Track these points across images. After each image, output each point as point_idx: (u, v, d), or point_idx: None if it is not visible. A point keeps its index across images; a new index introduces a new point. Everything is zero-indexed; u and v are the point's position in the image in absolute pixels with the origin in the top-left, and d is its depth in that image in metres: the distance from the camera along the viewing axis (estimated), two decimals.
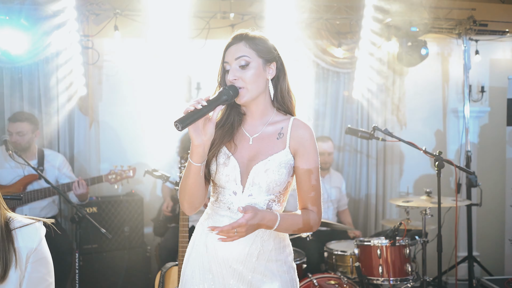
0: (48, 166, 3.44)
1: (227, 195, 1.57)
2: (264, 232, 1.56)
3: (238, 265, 1.55)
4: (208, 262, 1.58)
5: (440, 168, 2.61)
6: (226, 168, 1.54)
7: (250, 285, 1.55)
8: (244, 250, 1.54)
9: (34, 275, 1.52)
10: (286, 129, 1.56)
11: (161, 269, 2.59)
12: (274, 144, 1.55)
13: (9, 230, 1.51)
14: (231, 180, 1.55)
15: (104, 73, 3.92)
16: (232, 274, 1.56)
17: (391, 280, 2.83)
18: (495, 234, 4.59)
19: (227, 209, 1.57)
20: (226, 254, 1.55)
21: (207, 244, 1.59)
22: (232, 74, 1.51)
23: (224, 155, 1.56)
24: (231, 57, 1.53)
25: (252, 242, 1.55)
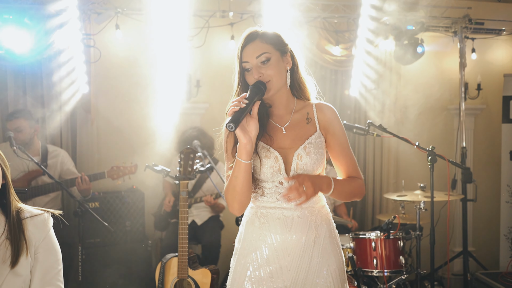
0: (52, 162, 3.51)
1: (274, 187, 1.62)
2: (316, 217, 1.63)
3: (297, 252, 1.60)
4: (265, 255, 1.62)
5: (433, 163, 2.68)
6: (269, 160, 1.60)
7: (308, 270, 1.60)
8: (301, 238, 1.60)
9: (44, 263, 1.60)
10: (312, 114, 1.66)
11: (161, 260, 2.66)
12: (307, 129, 1.64)
13: (20, 220, 1.60)
14: (275, 171, 1.60)
15: (106, 71, 3.99)
16: (291, 263, 1.59)
17: (385, 271, 2.90)
18: (490, 230, 4.66)
19: (275, 201, 1.62)
20: (284, 245, 1.60)
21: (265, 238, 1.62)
22: (257, 72, 1.57)
23: (263, 148, 1.61)
24: (251, 56, 1.58)
25: (308, 229, 1.61)
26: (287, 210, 1.61)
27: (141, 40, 3.92)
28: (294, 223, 1.60)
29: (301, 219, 1.60)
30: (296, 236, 1.59)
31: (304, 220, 1.60)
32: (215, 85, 4.21)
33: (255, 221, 1.65)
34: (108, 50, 3.96)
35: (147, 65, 3.90)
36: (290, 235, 1.59)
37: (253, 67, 1.59)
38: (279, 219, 1.61)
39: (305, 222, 1.60)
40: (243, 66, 1.61)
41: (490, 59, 4.79)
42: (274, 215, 1.61)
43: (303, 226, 1.60)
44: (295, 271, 1.59)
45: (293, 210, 1.61)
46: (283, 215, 1.61)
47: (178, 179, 2.60)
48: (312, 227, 1.61)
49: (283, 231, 1.60)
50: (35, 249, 1.60)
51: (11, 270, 1.54)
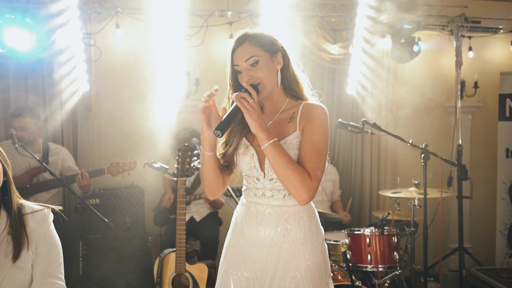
0: (53, 159, 3.57)
1: (252, 183, 1.70)
2: (288, 216, 1.65)
3: (265, 247, 1.65)
4: (240, 246, 1.70)
5: (425, 160, 2.72)
6: (246, 157, 1.67)
7: (277, 266, 1.64)
8: (270, 233, 1.65)
9: (45, 257, 1.65)
10: (297, 113, 1.66)
11: (159, 255, 2.72)
12: (286, 128, 1.66)
13: (21, 216, 1.66)
14: (252, 168, 1.66)
15: (106, 70, 4.04)
16: (261, 256, 1.65)
17: (379, 267, 2.95)
18: (487, 226, 4.70)
19: (253, 196, 1.69)
20: (256, 237, 1.66)
21: (241, 229, 1.71)
22: (246, 75, 1.61)
23: (243, 145, 1.69)
24: (241, 60, 1.62)
25: (277, 226, 1.64)
26: (260, 206, 1.67)
27: (140, 39, 3.97)
28: (265, 219, 1.66)
29: (271, 216, 1.65)
30: (265, 232, 1.65)
31: (274, 217, 1.65)
32: (214, 83, 4.19)
33: (235, 215, 1.77)
34: (108, 49, 4.01)
35: (147, 63, 3.95)
36: (260, 230, 1.66)
37: (243, 70, 1.63)
38: (252, 213, 1.69)
39: (275, 219, 1.65)
40: (235, 69, 1.66)
41: (487, 57, 4.82)
42: (250, 209, 1.69)
43: (272, 222, 1.65)
44: (264, 265, 1.65)
45: (265, 207, 1.67)
46: (256, 210, 1.68)
47: (176, 176, 2.65)
48: (283, 225, 1.65)
49: (254, 225, 1.67)
50: (36, 243, 1.64)
51: (13, 264, 1.59)
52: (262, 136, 1.54)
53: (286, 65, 1.70)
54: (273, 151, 1.53)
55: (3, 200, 1.68)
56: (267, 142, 1.54)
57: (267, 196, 1.66)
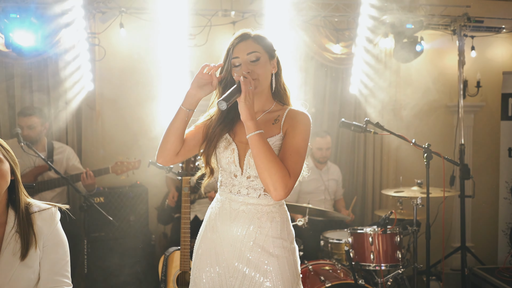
0: (57, 158, 3.59)
1: (229, 178, 1.70)
2: (262, 215, 1.67)
3: (238, 244, 1.66)
4: (213, 242, 1.71)
5: (428, 160, 2.74)
6: (226, 151, 1.69)
7: (249, 263, 1.66)
8: (243, 231, 1.66)
9: (52, 256, 1.67)
10: (282, 116, 1.70)
11: (164, 253, 2.75)
12: (270, 129, 1.68)
13: (29, 214, 1.68)
14: (230, 162, 1.68)
15: (110, 69, 4.06)
16: (233, 253, 1.67)
17: (382, 265, 2.97)
18: (489, 226, 4.71)
19: (228, 192, 1.70)
20: (228, 234, 1.68)
21: (214, 225, 1.72)
22: (245, 68, 1.64)
23: (225, 140, 1.71)
24: (242, 52, 1.65)
25: (249, 224, 1.66)
26: (235, 203, 1.68)
27: (144, 39, 3.99)
28: (238, 216, 1.67)
29: (245, 213, 1.67)
30: (237, 229, 1.66)
31: (247, 215, 1.66)
32: None
33: (209, 210, 1.77)
34: (113, 49, 4.03)
35: (151, 63, 3.98)
36: (233, 226, 1.67)
37: (242, 63, 1.65)
38: (226, 210, 1.69)
39: (248, 217, 1.66)
40: (233, 62, 1.67)
41: (490, 56, 4.83)
42: (224, 205, 1.70)
43: (245, 220, 1.66)
44: (236, 262, 1.66)
45: (240, 204, 1.68)
46: (230, 207, 1.69)
47: (180, 175, 2.68)
48: (255, 223, 1.66)
49: (227, 222, 1.68)
50: (43, 242, 1.66)
51: (21, 263, 1.60)
52: (251, 124, 1.55)
53: (278, 72, 1.76)
54: (258, 141, 1.54)
55: (10, 199, 1.70)
56: (254, 131, 1.55)
57: (243, 194, 1.67)
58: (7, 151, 1.70)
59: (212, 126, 1.73)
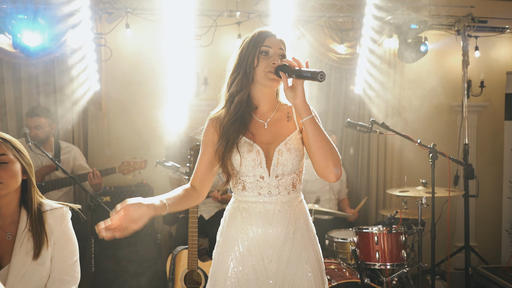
0: (64, 158, 3.62)
1: (254, 181, 1.68)
2: (295, 211, 1.70)
3: (279, 244, 1.67)
4: (247, 247, 1.68)
5: (433, 160, 2.76)
6: (251, 154, 1.66)
7: (289, 262, 1.67)
8: (283, 230, 1.67)
9: (62, 254, 1.71)
10: (292, 113, 1.74)
11: (172, 252, 2.77)
12: (287, 126, 1.72)
13: (41, 213, 1.71)
14: (257, 165, 1.66)
15: (116, 69, 4.08)
16: (272, 255, 1.67)
17: (387, 265, 2.99)
18: (492, 225, 4.73)
19: (257, 195, 1.68)
20: (268, 237, 1.67)
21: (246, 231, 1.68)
22: (276, 59, 1.66)
23: (245, 143, 1.68)
24: (275, 45, 1.68)
25: (288, 223, 1.68)
26: (268, 204, 1.68)
27: (150, 39, 4.01)
28: (275, 217, 1.67)
29: (281, 213, 1.68)
30: (277, 229, 1.67)
31: (284, 214, 1.68)
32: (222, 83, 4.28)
33: (237, 216, 1.71)
34: (119, 49, 4.06)
35: (156, 63, 4.00)
36: (271, 228, 1.67)
37: (274, 54, 1.67)
38: (261, 213, 1.68)
39: (284, 216, 1.67)
40: (262, 49, 1.66)
41: (494, 56, 4.84)
42: (256, 209, 1.68)
43: (283, 219, 1.67)
44: (276, 263, 1.66)
45: (274, 204, 1.68)
46: (265, 209, 1.68)
47: (188, 175, 2.70)
48: (292, 220, 1.68)
49: (265, 224, 1.67)
50: (53, 239, 1.70)
51: (33, 261, 1.64)
52: (308, 107, 1.59)
53: None
54: (316, 122, 1.60)
55: (23, 198, 1.73)
56: (311, 113, 1.59)
57: (274, 194, 1.68)
58: (19, 151, 1.73)
59: (224, 124, 1.69)
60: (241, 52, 1.71)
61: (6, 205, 1.68)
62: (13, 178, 1.67)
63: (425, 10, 4.15)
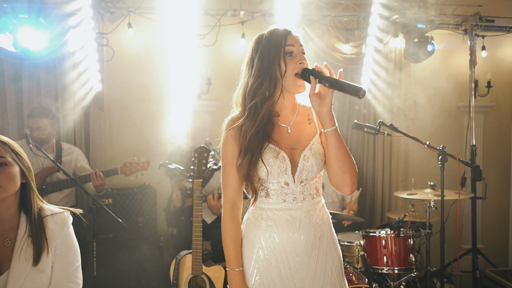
0: (66, 159, 3.57)
1: (279, 188, 1.63)
2: (319, 217, 1.65)
3: (307, 251, 1.62)
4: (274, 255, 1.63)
5: (443, 162, 2.70)
6: (277, 160, 1.60)
7: (316, 269, 1.63)
8: (309, 237, 1.62)
9: (63, 260, 1.65)
10: (312, 115, 1.70)
11: (176, 257, 2.71)
12: (309, 129, 1.67)
13: (41, 218, 1.65)
14: (282, 171, 1.60)
15: (119, 69, 4.03)
16: (300, 263, 1.62)
17: (395, 269, 2.93)
18: (500, 227, 4.66)
19: (282, 202, 1.63)
20: (295, 244, 1.62)
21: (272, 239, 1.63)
22: (301, 58, 1.60)
23: (271, 150, 1.61)
24: (297, 42, 1.60)
25: (314, 229, 1.63)
26: (294, 211, 1.63)
27: (153, 39, 3.96)
28: (302, 223, 1.63)
29: (307, 219, 1.63)
30: (304, 236, 1.62)
31: (310, 220, 1.63)
32: (225, 83, 4.23)
33: (261, 224, 1.64)
34: (121, 49, 4.01)
35: (159, 63, 3.95)
36: (299, 235, 1.62)
37: (297, 53, 1.60)
38: (287, 220, 1.63)
39: (311, 221, 1.63)
40: (287, 50, 1.58)
41: (500, 56, 4.77)
42: (282, 217, 1.63)
43: (309, 225, 1.63)
44: (304, 270, 1.62)
45: (299, 211, 1.63)
46: (291, 216, 1.63)
47: (192, 177, 2.64)
48: (318, 226, 1.64)
49: (293, 231, 1.62)
50: (55, 245, 1.64)
51: (33, 267, 1.58)
52: (332, 117, 1.56)
53: None
54: (339, 134, 1.57)
55: (22, 203, 1.68)
56: (335, 124, 1.57)
57: (299, 200, 1.63)
58: (17, 154, 1.68)
59: (248, 136, 1.59)
60: (261, 55, 1.58)
61: (5, 210, 1.63)
62: (12, 181, 1.62)
63: (432, 9, 4.09)
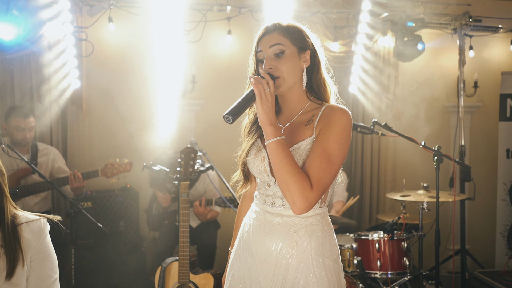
0: (42, 160, 3.38)
1: (263, 188, 1.55)
2: (298, 228, 1.48)
3: (272, 261, 1.48)
4: (248, 269, 1.55)
5: (439, 163, 2.63)
6: (256, 159, 1.53)
7: (284, 282, 1.47)
8: (277, 246, 1.48)
9: (39, 272, 1.53)
10: (317, 116, 1.49)
11: (161, 265, 2.56)
12: (302, 131, 1.49)
13: (15, 227, 1.51)
14: (262, 172, 1.52)
15: (98, 66, 3.84)
16: (267, 271, 1.49)
17: (389, 273, 2.85)
18: (486, 228, 4.66)
19: (263, 203, 1.54)
20: (263, 248, 1.50)
21: (249, 242, 1.56)
22: (268, 63, 1.47)
23: (256, 147, 1.56)
24: (265, 45, 1.49)
25: (286, 238, 1.47)
26: (270, 215, 1.51)
27: (135, 34, 3.79)
28: (273, 229, 1.49)
29: (281, 226, 1.49)
30: (271, 244, 1.48)
31: (284, 228, 1.48)
32: (211, 81, 4.11)
33: (249, 219, 1.60)
34: (101, 44, 3.83)
35: (142, 59, 3.78)
36: (266, 240, 1.49)
37: (265, 58, 1.49)
38: (260, 222, 1.53)
39: (284, 230, 1.48)
40: (258, 57, 1.52)
41: (487, 56, 4.78)
42: (258, 217, 1.54)
43: (281, 233, 1.48)
44: (271, 279, 1.49)
45: (274, 216, 1.50)
46: (265, 218, 1.52)
47: (179, 180, 2.49)
48: (292, 238, 1.47)
49: (261, 235, 1.51)
50: (30, 256, 1.51)
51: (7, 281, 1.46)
52: (269, 130, 1.39)
53: (315, 66, 1.55)
54: (276, 149, 1.38)
55: None
56: (272, 138, 1.39)
57: (277, 205, 1.50)
58: None
59: (246, 127, 1.61)
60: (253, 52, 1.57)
61: None
62: None
63: (422, 8, 4.04)
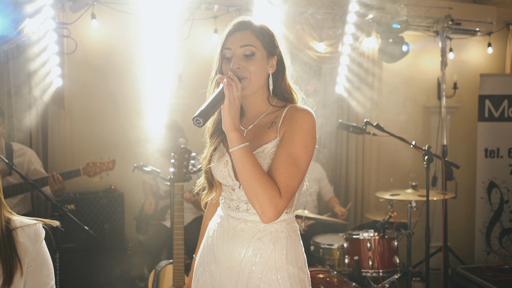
0: (18, 161, 3.22)
1: (227, 192, 1.49)
2: (263, 235, 1.43)
3: (236, 268, 1.43)
4: (212, 276, 1.50)
5: (429, 163, 2.68)
6: (219, 164, 1.47)
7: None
8: (241, 253, 1.43)
9: (36, 279, 1.46)
10: (280, 117, 1.44)
11: (155, 268, 2.50)
12: (265, 134, 1.44)
13: (9, 231, 1.44)
14: (226, 176, 1.46)
15: (81, 64, 3.73)
16: (230, 278, 1.44)
17: (380, 272, 2.88)
18: (466, 225, 4.80)
19: (227, 208, 1.48)
20: (226, 255, 1.45)
21: (213, 248, 1.50)
22: (236, 63, 1.41)
23: (219, 151, 1.49)
24: (236, 44, 1.42)
25: (249, 245, 1.42)
26: (234, 220, 1.46)
27: (120, 32, 3.70)
28: (236, 235, 1.45)
29: (244, 232, 1.44)
30: (234, 250, 1.44)
31: (248, 234, 1.43)
32: (197, 80, 4.03)
33: (213, 223, 1.54)
34: (84, 41, 3.71)
35: (126, 58, 3.69)
36: (229, 247, 1.45)
37: (234, 56, 1.43)
38: (224, 227, 1.48)
39: (247, 236, 1.43)
40: (224, 54, 1.45)
41: (465, 59, 4.91)
42: (222, 223, 1.49)
43: (244, 240, 1.43)
44: (233, 287, 1.45)
45: (239, 221, 1.45)
46: (229, 224, 1.47)
47: (172, 181, 2.43)
48: (256, 245, 1.42)
49: (224, 241, 1.46)
50: (27, 262, 1.45)
51: None
52: (233, 136, 1.33)
53: (280, 73, 1.51)
54: (242, 156, 1.33)
55: None
56: (237, 145, 1.33)
57: (242, 210, 1.45)
58: None
59: (209, 129, 1.53)
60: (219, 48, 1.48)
61: None
62: None
63: (405, 10, 4.11)
